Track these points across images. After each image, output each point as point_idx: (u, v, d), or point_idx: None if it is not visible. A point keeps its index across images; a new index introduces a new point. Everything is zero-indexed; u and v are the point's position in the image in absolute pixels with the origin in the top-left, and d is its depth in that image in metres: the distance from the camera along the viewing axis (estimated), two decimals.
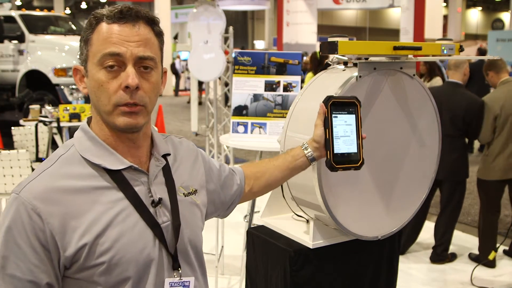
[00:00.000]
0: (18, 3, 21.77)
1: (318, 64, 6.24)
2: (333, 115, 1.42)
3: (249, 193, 1.50)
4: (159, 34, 1.13)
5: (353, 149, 1.44)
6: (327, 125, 1.41)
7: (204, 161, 1.35)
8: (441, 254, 4.15)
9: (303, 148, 1.46)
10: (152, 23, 1.12)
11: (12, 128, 5.02)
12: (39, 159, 4.95)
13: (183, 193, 1.21)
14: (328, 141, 1.40)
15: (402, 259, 4.12)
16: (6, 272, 1.01)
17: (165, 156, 1.21)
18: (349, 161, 1.43)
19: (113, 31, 1.06)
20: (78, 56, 1.12)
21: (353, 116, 1.46)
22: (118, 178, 1.09)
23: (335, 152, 1.41)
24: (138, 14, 1.08)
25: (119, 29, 1.06)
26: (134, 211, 1.09)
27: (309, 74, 5.98)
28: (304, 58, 9.88)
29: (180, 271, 1.14)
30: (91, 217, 1.05)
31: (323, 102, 1.43)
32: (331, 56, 1.99)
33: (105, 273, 1.05)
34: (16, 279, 1.01)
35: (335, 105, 1.43)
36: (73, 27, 10.49)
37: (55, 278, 1.04)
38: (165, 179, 1.18)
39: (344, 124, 1.44)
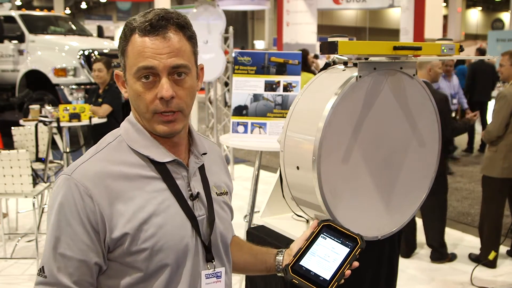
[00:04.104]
0: (18, 3, 21.75)
1: (303, 64, 6.22)
2: (321, 235, 1.32)
3: None
4: (191, 38, 1.17)
5: (325, 275, 1.24)
6: (309, 238, 1.31)
7: (230, 178, 1.40)
8: (440, 250, 4.13)
9: (278, 251, 1.42)
10: (183, 28, 1.14)
11: (12, 128, 5.02)
12: (39, 159, 4.94)
13: (216, 192, 1.27)
14: (299, 250, 1.29)
15: (402, 259, 4.12)
16: (58, 252, 1.06)
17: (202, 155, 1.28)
18: (312, 281, 1.23)
19: (145, 45, 1.10)
20: (117, 63, 1.18)
21: (347, 249, 1.30)
22: (162, 169, 1.16)
23: (299, 262, 1.26)
24: (168, 22, 1.12)
25: (151, 42, 1.10)
26: (175, 202, 1.15)
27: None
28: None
29: (214, 263, 1.20)
30: (137, 204, 1.10)
31: (319, 220, 1.36)
32: (332, 56, 1.99)
33: (147, 258, 1.10)
34: (66, 258, 1.06)
35: (330, 228, 1.34)
36: (73, 27, 10.49)
37: (102, 259, 1.09)
38: (201, 176, 1.24)
39: (329, 249, 1.30)
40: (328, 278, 1.22)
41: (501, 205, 4.07)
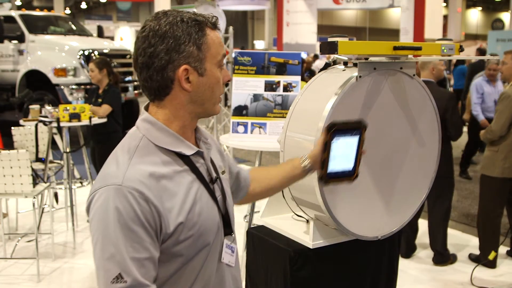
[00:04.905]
0: (18, 3, 21.76)
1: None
2: (333, 140, 1.52)
3: (251, 194, 1.66)
4: None
5: (349, 166, 1.55)
6: (326, 149, 1.52)
7: (221, 152, 1.53)
8: (443, 253, 4.12)
9: (302, 161, 1.60)
10: None
11: (12, 128, 5.01)
12: (39, 159, 4.94)
13: (220, 172, 1.40)
14: (324, 162, 1.53)
15: (402, 259, 4.12)
16: (130, 256, 1.14)
17: None
18: (342, 176, 1.56)
19: (219, 36, 1.28)
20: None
21: (356, 137, 1.55)
22: (188, 162, 1.27)
23: (328, 171, 1.54)
24: None
25: (219, 35, 1.29)
26: (204, 189, 1.28)
27: None
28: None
29: (233, 236, 1.37)
30: (180, 198, 1.21)
31: (326, 128, 1.52)
32: (332, 56, 1.99)
33: (192, 244, 1.23)
34: (136, 260, 1.14)
35: (337, 131, 1.51)
36: (73, 27, 10.49)
37: (159, 252, 1.19)
38: (210, 160, 1.36)
39: (344, 146, 1.54)
40: (351, 168, 1.55)
41: (499, 204, 4.07)
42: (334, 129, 1.51)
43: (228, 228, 1.35)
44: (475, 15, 38.37)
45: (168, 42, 1.20)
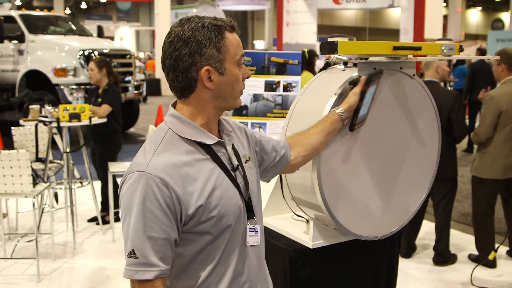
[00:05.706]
0: (18, 3, 21.77)
1: (308, 63, 6.24)
2: (368, 89, 1.74)
3: (299, 157, 1.75)
4: None
5: (365, 111, 1.77)
6: (362, 97, 1.73)
7: (250, 135, 1.64)
8: (445, 254, 4.11)
9: (341, 113, 1.76)
10: None
11: (12, 128, 5.01)
12: (39, 159, 4.93)
13: (244, 161, 1.51)
14: (357, 110, 1.74)
15: (402, 259, 4.12)
16: (146, 235, 1.28)
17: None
18: (361, 121, 1.78)
19: (238, 38, 1.41)
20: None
21: (375, 86, 1.77)
22: (209, 151, 1.39)
23: (358, 117, 1.75)
24: None
25: (238, 37, 1.41)
26: (225, 176, 1.40)
27: (305, 74, 5.82)
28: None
29: (255, 219, 1.47)
30: (201, 183, 1.33)
31: (373, 73, 1.76)
32: (332, 56, 1.99)
33: (215, 224, 1.35)
34: (153, 239, 1.28)
35: (371, 79, 1.74)
36: (73, 27, 10.49)
37: (178, 234, 1.33)
38: (233, 150, 1.48)
39: (369, 94, 1.75)
40: (365, 113, 1.79)
41: (490, 205, 4.06)
42: (370, 79, 1.74)
43: (250, 212, 1.46)
44: (475, 15, 38.37)
45: (191, 46, 1.33)
